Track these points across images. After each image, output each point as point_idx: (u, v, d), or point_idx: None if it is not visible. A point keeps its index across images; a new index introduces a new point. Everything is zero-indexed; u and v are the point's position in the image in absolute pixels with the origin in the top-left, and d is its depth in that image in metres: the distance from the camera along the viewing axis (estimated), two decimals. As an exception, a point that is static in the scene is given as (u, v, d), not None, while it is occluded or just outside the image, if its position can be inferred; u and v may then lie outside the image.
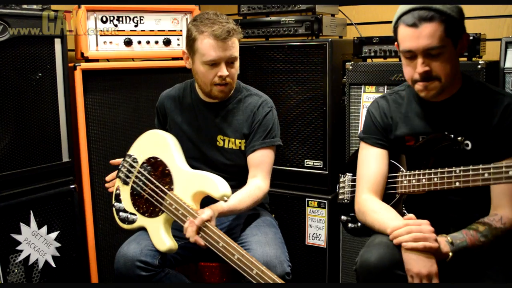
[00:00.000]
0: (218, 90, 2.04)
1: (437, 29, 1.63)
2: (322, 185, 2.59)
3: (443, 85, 1.70)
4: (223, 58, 1.98)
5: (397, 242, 1.58)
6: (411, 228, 1.56)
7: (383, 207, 1.76)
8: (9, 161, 2.20)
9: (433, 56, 1.66)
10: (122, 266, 1.85)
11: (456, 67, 1.71)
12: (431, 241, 1.53)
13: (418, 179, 1.73)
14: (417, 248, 1.53)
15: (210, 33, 1.94)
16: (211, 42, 1.95)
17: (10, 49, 2.17)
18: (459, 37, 1.69)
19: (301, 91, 2.59)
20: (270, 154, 2.10)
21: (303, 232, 2.64)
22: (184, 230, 1.80)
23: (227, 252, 1.72)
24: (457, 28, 1.67)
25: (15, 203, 2.23)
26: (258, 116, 2.09)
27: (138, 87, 2.70)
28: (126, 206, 2.07)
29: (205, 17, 1.99)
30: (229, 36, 1.96)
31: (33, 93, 2.27)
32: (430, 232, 1.55)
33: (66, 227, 2.43)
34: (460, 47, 1.70)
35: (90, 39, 2.56)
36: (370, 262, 1.58)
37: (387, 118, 1.87)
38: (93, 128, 2.58)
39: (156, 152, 2.06)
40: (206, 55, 1.97)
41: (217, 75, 1.99)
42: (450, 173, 1.63)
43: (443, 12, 1.63)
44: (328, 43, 2.48)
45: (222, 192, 1.80)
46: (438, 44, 1.64)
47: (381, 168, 1.83)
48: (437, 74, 1.68)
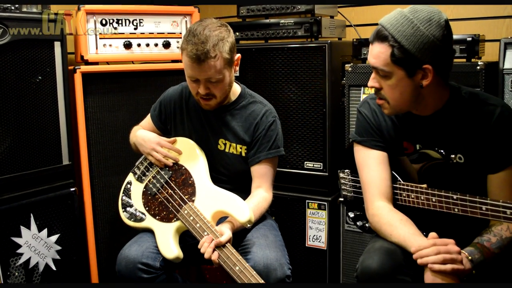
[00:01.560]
0: (203, 103, 2.04)
1: (384, 52, 1.59)
2: (322, 187, 2.59)
3: (393, 107, 1.68)
4: (201, 78, 1.94)
5: (423, 263, 1.49)
6: (439, 248, 1.49)
7: (402, 220, 1.68)
8: (9, 164, 2.21)
9: (382, 77, 1.64)
10: (124, 268, 1.85)
11: (413, 95, 1.64)
12: (458, 263, 1.48)
13: (417, 196, 1.70)
14: (445, 270, 1.47)
15: (187, 52, 1.90)
16: (187, 61, 1.92)
17: (10, 52, 2.18)
18: (416, 68, 1.59)
19: (301, 93, 2.59)
20: (274, 164, 2.12)
21: (304, 234, 2.64)
22: (200, 244, 1.78)
23: (243, 277, 1.69)
24: (409, 60, 1.57)
25: (15, 206, 2.23)
26: (262, 126, 2.08)
27: (137, 89, 2.70)
28: (136, 204, 2.06)
29: (193, 30, 1.92)
30: (202, 61, 1.87)
31: (33, 96, 2.28)
32: (457, 253, 1.49)
33: (66, 230, 2.43)
34: (420, 78, 1.60)
35: (89, 42, 2.56)
36: (372, 268, 1.55)
37: (379, 119, 1.82)
38: (93, 131, 2.58)
39: (182, 160, 2.07)
40: (187, 71, 1.96)
41: (198, 90, 1.99)
42: (448, 198, 1.59)
43: (394, 38, 1.56)
44: (327, 45, 2.49)
45: (247, 218, 1.79)
46: (381, 67, 1.61)
47: (386, 173, 1.78)
48: (384, 94, 1.67)
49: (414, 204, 1.72)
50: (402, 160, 1.80)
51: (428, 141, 1.74)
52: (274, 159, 2.11)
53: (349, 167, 1.98)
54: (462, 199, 1.55)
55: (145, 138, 2.14)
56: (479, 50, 2.24)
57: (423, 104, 1.69)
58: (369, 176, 1.80)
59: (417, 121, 1.75)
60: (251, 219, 1.80)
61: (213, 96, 2.00)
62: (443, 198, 1.61)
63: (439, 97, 1.69)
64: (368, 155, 1.82)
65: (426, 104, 1.69)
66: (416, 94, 1.64)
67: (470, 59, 2.24)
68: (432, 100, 1.68)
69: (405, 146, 1.80)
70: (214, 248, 1.75)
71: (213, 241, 1.76)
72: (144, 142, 2.13)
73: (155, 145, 2.11)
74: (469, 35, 2.21)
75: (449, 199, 1.59)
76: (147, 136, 2.15)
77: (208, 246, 1.75)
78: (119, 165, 2.63)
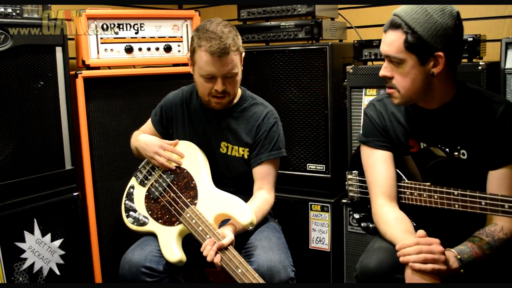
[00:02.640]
0: (215, 102, 2.04)
1: (397, 39, 1.63)
2: (325, 188, 2.59)
3: (403, 96, 1.70)
4: (220, 74, 1.96)
5: (405, 261, 1.52)
6: (421, 248, 1.50)
7: (397, 218, 1.71)
8: (12, 170, 2.21)
9: (394, 64, 1.67)
10: (127, 272, 1.85)
11: (424, 84, 1.67)
12: (439, 263, 1.49)
13: (419, 193, 1.72)
14: (425, 270, 1.48)
15: (206, 48, 1.91)
16: (207, 57, 1.92)
17: (11, 58, 2.18)
18: (428, 56, 1.63)
19: (302, 95, 2.59)
20: (276, 166, 2.12)
21: (307, 236, 2.64)
22: (202, 247, 1.79)
23: (245, 279, 1.69)
24: (422, 46, 1.61)
25: (19, 212, 2.23)
26: (263, 128, 2.09)
27: (139, 93, 2.71)
28: (138, 207, 2.07)
29: (206, 28, 1.95)
30: (224, 54, 1.91)
31: (35, 101, 2.28)
32: (440, 253, 1.50)
33: (70, 235, 2.43)
34: (432, 66, 1.64)
35: (91, 46, 2.57)
36: (370, 267, 1.58)
37: (385, 120, 1.85)
38: (95, 136, 2.59)
39: (184, 163, 2.07)
40: (203, 69, 1.96)
41: (213, 89, 1.99)
42: (449, 194, 1.61)
43: (408, 25, 1.61)
44: (328, 47, 2.49)
45: (249, 220, 1.79)
46: (394, 54, 1.64)
47: (390, 172, 1.81)
48: (395, 83, 1.69)
49: (417, 202, 1.73)
50: (407, 159, 1.81)
51: (433, 137, 1.76)
52: (275, 160, 2.11)
53: (357, 168, 2.00)
54: (462, 194, 1.58)
55: (147, 142, 2.14)
56: (481, 50, 2.24)
57: (431, 95, 1.71)
58: (374, 176, 1.83)
59: (423, 115, 1.77)
60: (253, 221, 1.80)
61: (227, 94, 2.01)
62: (444, 195, 1.63)
63: (447, 90, 1.72)
64: (373, 155, 1.85)
65: (434, 95, 1.71)
66: (426, 82, 1.67)
67: (471, 59, 2.25)
68: (440, 92, 1.71)
69: (411, 144, 1.81)
70: (217, 251, 1.75)
71: (215, 244, 1.76)
72: (147, 146, 2.13)
73: (158, 148, 2.10)
74: (470, 35, 2.21)
75: (450, 195, 1.61)
76: (150, 140, 2.15)
77: (211, 249, 1.75)
78: (122, 169, 2.64)
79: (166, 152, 2.10)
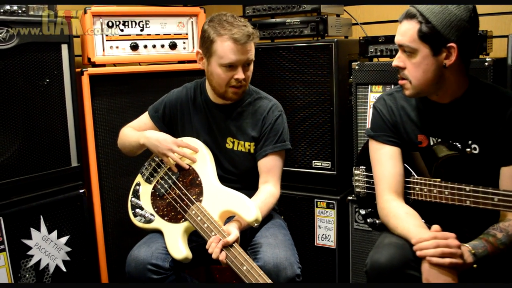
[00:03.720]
0: (232, 92, 2.04)
1: (411, 29, 1.63)
2: (331, 185, 2.59)
3: (415, 88, 1.69)
4: (241, 61, 1.97)
5: (422, 255, 1.52)
6: (438, 242, 1.50)
7: (407, 213, 1.71)
8: (18, 167, 2.22)
9: (407, 54, 1.67)
10: (134, 270, 1.85)
11: (435, 75, 1.66)
12: (457, 258, 1.49)
13: (429, 189, 1.71)
14: (443, 264, 1.48)
15: (229, 36, 1.93)
16: (231, 45, 1.94)
17: (17, 55, 2.19)
18: (441, 46, 1.62)
19: (308, 92, 2.59)
20: (281, 159, 2.11)
21: (312, 233, 2.63)
22: (208, 244, 1.79)
23: (250, 277, 1.69)
24: (435, 37, 1.61)
25: (25, 209, 2.24)
26: (269, 121, 2.09)
27: (145, 91, 2.71)
28: (144, 204, 2.07)
29: (224, 19, 1.97)
30: (248, 40, 1.95)
31: (41, 99, 2.29)
32: (456, 248, 1.50)
33: (76, 232, 2.44)
34: (444, 57, 1.63)
35: (96, 44, 2.57)
36: (381, 263, 1.57)
37: (395, 115, 1.84)
38: (101, 133, 2.59)
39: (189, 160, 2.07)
40: (225, 58, 1.96)
41: (233, 78, 1.99)
42: (461, 190, 1.60)
43: (423, 15, 1.61)
44: (333, 44, 2.48)
45: (254, 218, 1.79)
46: (408, 43, 1.64)
47: (398, 168, 1.81)
48: (407, 74, 1.69)
49: (427, 198, 1.73)
50: (416, 155, 1.81)
51: (444, 131, 1.75)
52: (281, 153, 2.11)
53: (365, 164, 1.99)
54: (474, 190, 1.57)
55: (160, 139, 2.08)
56: (487, 46, 2.23)
57: (444, 88, 1.71)
58: (381, 171, 1.83)
59: (435, 110, 1.77)
60: (258, 219, 1.80)
61: (245, 82, 2.04)
62: (456, 191, 1.62)
63: (459, 84, 1.71)
64: (380, 150, 1.85)
65: (446, 89, 1.71)
66: (438, 74, 1.66)
67: (478, 56, 2.23)
68: (453, 85, 1.70)
69: (420, 139, 1.80)
70: (222, 248, 1.76)
71: (220, 241, 1.76)
72: (160, 142, 2.07)
73: (172, 144, 2.06)
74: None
75: (462, 191, 1.60)
76: (162, 137, 2.09)
77: (216, 246, 1.75)
78: (127, 166, 2.64)
79: (180, 149, 2.07)
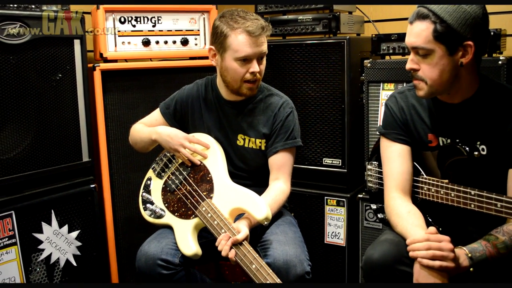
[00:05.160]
0: (247, 88, 2.03)
1: (425, 30, 1.60)
2: (341, 183, 2.58)
3: (430, 88, 1.67)
4: (256, 54, 1.97)
5: (414, 256, 1.53)
6: (430, 244, 1.51)
7: (410, 212, 1.71)
8: (30, 161, 2.23)
9: (422, 56, 1.64)
10: (143, 265, 1.86)
11: (451, 75, 1.63)
12: (448, 261, 1.49)
13: (437, 190, 1.70)
14: (433, 266, 1.49)
15: (243, 29, 1.94)
16: (245, 38, 1.94)
17: (30, 50, 2.20)
18: (457, 45, 1.59)
19: (319, 89, 2.58)
20: (292, 155, 2.11)
21: (322, 230, 2.63)
22: (217, 242, 1.79)
23: (259, 275, 1.68)
24: (452, 36, 1.58)
25: (36, 203, 2.26)
26: (280, 117, 2.08)
27: (156, 87, 2.71)
28: (155, 200, 2.07)
29: (235, 14, 1.98)
30: (262, 32, 1.96)
31: (53, 94, 2.30)
32: (449, 251, 1.50)
33: (86, 226, 2.45)
34: (460, 56, 1.61)
35: (108, 39, 2.59)
36: (373, 258, 1.59)
37: (405, 114, 1.83)
38: (112, 128, 2.60)
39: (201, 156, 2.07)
40: (240, 51, 1.96)
41: (248, 71, 1.99)
42: (466, 193, 1.59)
43: (437, 14, 1.58)
44: (346, 41, 2.47)
45: (264, 216, 1.78)
46: (423, 45, 1.61)
47: (406, 166, 1.80)
48: (422, 75, 1.66)
49: (434, 198, 1.72)
50: (426, 154, 1.80)
51: (453, 131, 1.74)
52: (291, 150, 2.10)
53: (378, 160, 1.99)
54: (479, 195, 1.55)
55: (171, 134, 2.08)
56: (501, 44, 2.21)
57: (457, 88, 1.68)
58: (389, 168, 1.83)
59: (445, 110, 1.75)
60: (268, 217, 1.79)
61: (259, 76, 2.04)
62: (461, 194, 1.61)
63: (471, 83, 1.69)
64: (390, 148, 1.85)
65: (459, 88, 1.69)
66: (454, 74, 1.64)
67: (491, 54, 2.21)
68: (466, 84, 1.68)
69: (430, 138, 1.79)
70: (231, 246, 1.75)
71: (230, 239, 1.76)
72: (171, 138, 2.06)
73: (184, 140, 2.05)
74: (491, 29, 2.17)
75: (467, 195, 1.59)
76: (174, 132, 2.09)
77: (225, 244, 1.75)
78: (138, 161, 2.65)
79: (192, 145, 2.08)
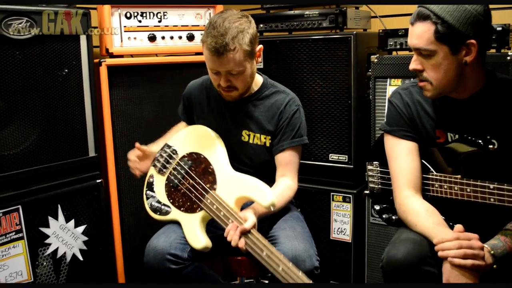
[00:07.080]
0: (225, 94, 2.04)
1: (427, 31, 1.59)
2: (347, 179, 2.58)
3: (436, 88, 1.66)
4: (221, 71, 1.94)
5: (444, 256, 1.50)
6: (461, 243, 1.48)
7: (428, 210, 1.68)
8: (37, 156, 2.24)
9: (425, 57, 1.63)
10: (152, 259, 1.86)
11: (456, 74, 1.63)
12: (479, 259, 1.47)
13: (450, 186, 1.68)
14: (465, 265, 1.46)
15: (207, 45, 1.89)
16: (208, 54, 1.91)
17: (36, 46, 2.20)
18: (460, 44, 1.59)
19: (326, 84, 2.57)
20: (298, 153, 2.10)
21: (328, 226, 2.63)
22: (226, 232, 1.78)
23: (271, 262, 1.67)
24: (454, 35, 1.57)
25: (43, 197, 2.26)
26: (286, 115, 2.07)
27: (162, 82, 2.71)
28: (160, 197, 2.07)
29: (212, 22, 1.91)
30: (221, 53, 1.86)
31: (59, 89, 2.30)
32: (479, 249, 1.48)
33: (93, 221, 2.46)
34: (464, 54, 1.60)
35: (114, 35, 2.58)
36: (397, 258, 1.55)
37: (411, 110, 1.82)
38: (118, 123, 2.60)
39: (200, 148, 2.06)
40: (208, 63, 1.96)
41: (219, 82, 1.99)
42: (484, 187, 1.57)
43: (437, 15, 1.57)
44: (352, 36, 2.46)
45: (270, 201, 1.77)
46: (425, 46, 1.60)
47: (415, 163, 1.78)
48: (427, 76, 1.66)
49: (447, 195, 1.70)
50: (433, 150, 1.78)
51: (462, 127, 1.73)
52: (298, 147, 2.10)
53: (378, 159, 1.97)
54: (499, 188, 1.54)
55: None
56: (509, 40, 2.19)
57: (463, 85, 1.68)
58: (398, 166, 1.80)
59: (452, 105, 1.74)
60: (274, 203, 1.78)
61: (234, 88, 2.00)
62: (479, 188, 1.59)
63: (477, 78, 1.68)
64: (397, 145, 1.82)
65: (465, 85, 1.68)
66: (459, 72, 1.63)
67: (499, 50, 2.20)
68: (472, 81, 1.68)
69: (437, 134, 1.78)
70: (240, 235, 1.75)
71: (238, 228, 1.75)
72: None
73: (129, 154, 2.20)
74: (499, 24, 2.16)
75: (485, 189, 1.57)
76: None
77: (234, 234, 1.75)
78: (144, 157, 2.64)
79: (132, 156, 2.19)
